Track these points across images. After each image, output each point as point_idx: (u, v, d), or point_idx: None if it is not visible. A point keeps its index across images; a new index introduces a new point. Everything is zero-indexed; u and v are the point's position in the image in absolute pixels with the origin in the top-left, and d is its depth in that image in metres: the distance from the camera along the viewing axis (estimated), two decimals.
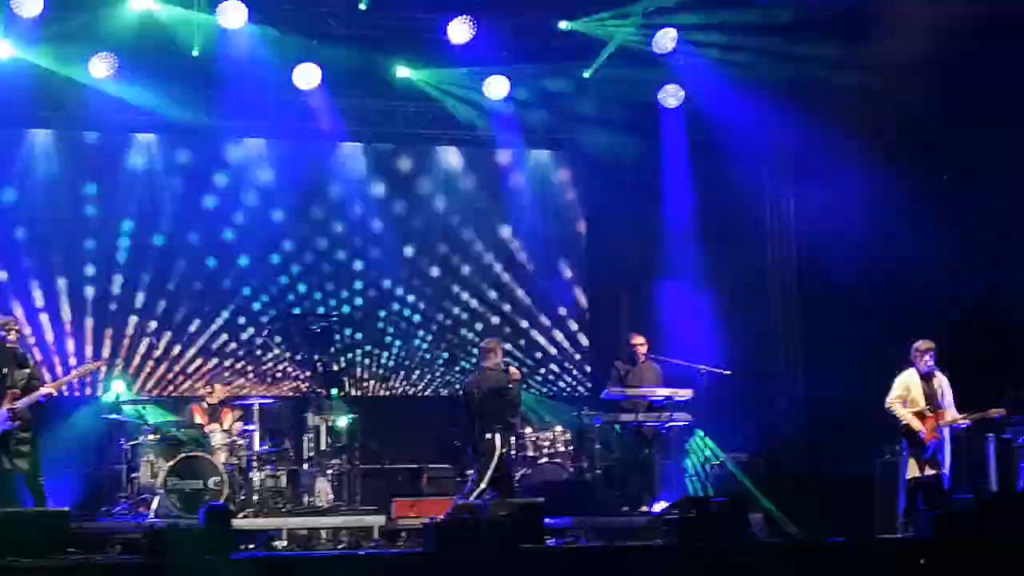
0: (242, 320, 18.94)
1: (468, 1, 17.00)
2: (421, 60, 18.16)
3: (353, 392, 18.63)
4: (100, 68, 17.07)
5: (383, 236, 19.55)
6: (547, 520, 13.39)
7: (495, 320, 19.87)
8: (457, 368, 19.54)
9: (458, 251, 19.87)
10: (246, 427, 16.27)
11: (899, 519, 14.72)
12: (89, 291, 18.36)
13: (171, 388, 18.45)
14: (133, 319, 18.46)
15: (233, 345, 18.88)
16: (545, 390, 19.77)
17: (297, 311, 18.93)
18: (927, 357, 14.66)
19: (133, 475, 15.92)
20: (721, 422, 16.62)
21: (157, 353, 18.49)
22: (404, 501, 15.90)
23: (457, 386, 19.05)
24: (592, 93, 18.78)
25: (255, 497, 15.79)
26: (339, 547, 15.26)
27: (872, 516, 15.30)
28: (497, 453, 14.55)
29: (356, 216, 19.51)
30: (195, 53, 17.14)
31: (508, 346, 19.45)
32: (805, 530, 14.72)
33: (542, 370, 19.90)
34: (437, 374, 19.63)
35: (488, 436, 14.64)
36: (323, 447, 16.89)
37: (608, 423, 16.49)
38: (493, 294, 19.92)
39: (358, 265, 19.48)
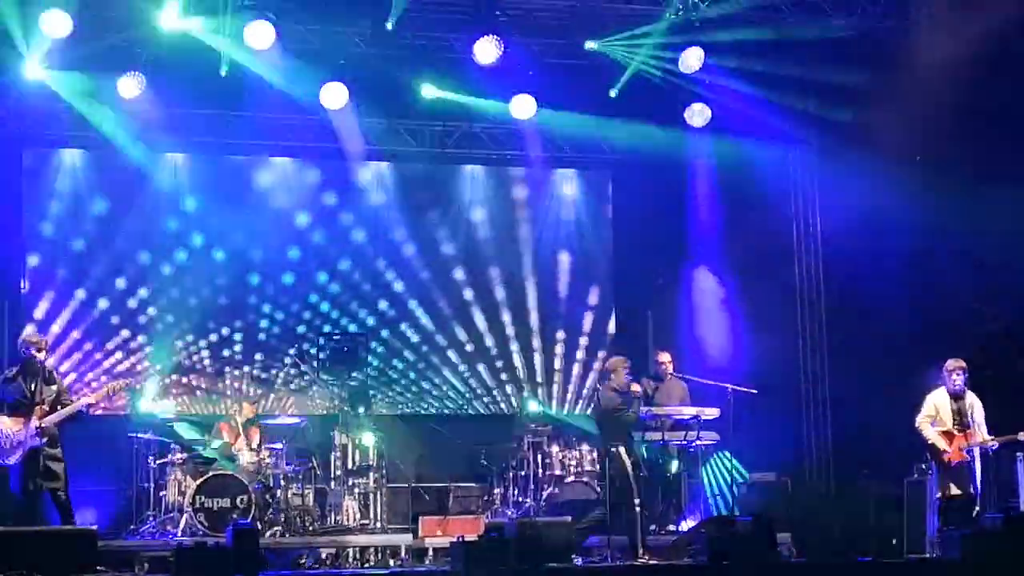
0: (270, 339, 18.97)
1: (495, 21, 16.98)
2: (448, 79, 18.17)
3: (380, 411, 18.65)
4: (129, 87, 17.15)
5: (407, 255, 19.56)
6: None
7: (520, 337, 19.83)
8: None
9: (484, 268, 19.85)
10: (273, 446, 16.27)
11: (928, 538, 14.68)
12: (103, 304, 18.49)
13: (199, 406, 18.47)
14: (161, 335, 18.57)
15: (260, 364, 18.90)
16: (571, 408, 19.75)
17: (325, 329, 18.93)
18: (956, 376, 14.62)
19: (161, 493, 15.96)
20: (748, 441, 16.57)
21: (185, 369, 18.53)
22: (431, 520, 15.88)
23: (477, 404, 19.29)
24: (619, 112, 18.78)
25: (282, 516, 15.81)
26: (366, 566, 15.29)
27: (901, 535, 15.24)
28: (626, 468, 14.63)
29: (381, 235, 19.53)
30: (223, 72, 17.19)
31: (532, 360, 19.58)
32: (833, 549, 14.71)
33: (569, 388, 19.86)
34: (466, 393, 19.62)
35: (613, 450, 14.78)
36: (350, 466, 16.90)
37: (635, 441, 16.45)
38: (518, 310, 19.88)
39: (383, 284, 19.47)
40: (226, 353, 18.82)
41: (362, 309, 19.34)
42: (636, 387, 15.14)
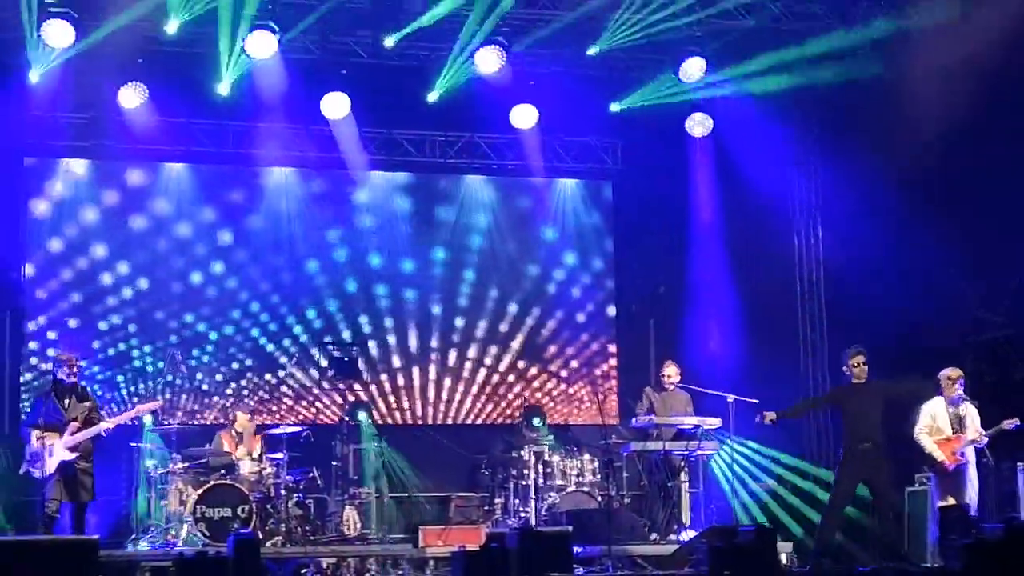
0: (269, 350, 18.97)
1: (497, 30, 16.97)
2: (449, 89, 18.14)
3: (380, 420, 18.65)
4: (131, 97, 17.20)
5: (407, 265, 19.57)
6: (575, 548, 13.38)
7: (521, 346, 19.84)
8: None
9: (484, 278, 19.85)
10: (274, 455, 16.26)
11: (929, 548, 14.67)
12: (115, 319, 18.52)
13: (199, 417, 18.46)
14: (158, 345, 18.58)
15: (259, 374, 18.90)
16: (572, 417, 19.76)
17: (325, 340, 18.92)
18: (956, 385, 14.61)
19: (162, 503, 15.94)
20: (749, 451, 16.59)
21: (184, 381, 18.51)
22: (432, 529, 15.86)
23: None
24: (620, 122, 18.81)
25: (283, 525, 15.79)
26: None
27: (902, 545, 15.21)
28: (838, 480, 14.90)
29: (382, 245, 19.53)
30: (225, 82, 17.21)
31: (534, 371, 19.57)
32: (836, 560, 14.68)
33: (570, 398, 19.86)
34: (466, 402, 19.62)
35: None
36: (351, 475, 16.90)
37: (636, 451, 16.45)
38: (520, 320, 19.89)
39: (384, 295, 19.46)
40: (226, 363, 18.80)
41: (363, 319, 19.32)
42: None
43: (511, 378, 19.78)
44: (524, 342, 19.90)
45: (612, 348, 20.12)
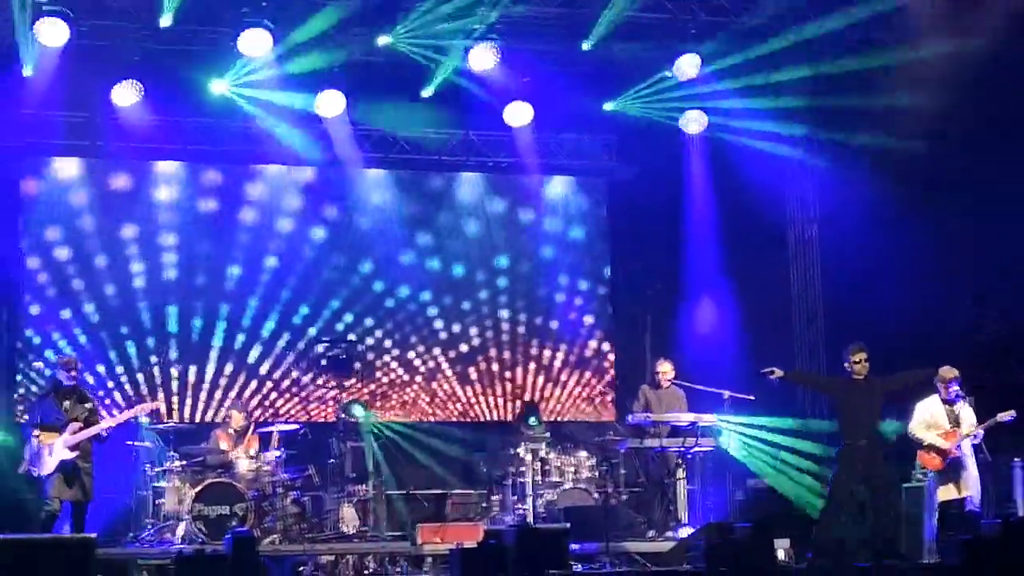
0: (266, 348, 18.96)
1: (492, 27, 16.94)
2: (443, 86, 18.11)
3: (378, 418, 18.63)
4: (126, 95, 17.17)
5: (403, 263, 19.56)
6: (573, 545, 13.40)
7: (517, 343, 19.84)
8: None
9: (480, 276, 19.87)
10: (271, 453, 16.25)
11: (926, 545, 14.68)
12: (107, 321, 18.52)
13: (195, 415, 18.46)
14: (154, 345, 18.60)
15: (257, 371, 18.90)
16: (569, 414, 19.78)
17: (322, 337, 18.92)
18: (952, 384, 14.61)
19: (159, 501, 15.95)
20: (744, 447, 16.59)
21: (178, 378, 18.56)
22: (430, 527, 15.86)
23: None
24: (615, 119, 18.80)
25: (280, 523, 15.79)
26: (365, 573, 15.28)
27: (899, 541, 15.23)
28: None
29: (377, 243, 19.52)
30: (219, 80, 17.22)
31: (530, 368, 19.58)
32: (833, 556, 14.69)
33: (567, 395, 19.87)
34: (464, 400, 19.62)
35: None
36: (348, 473, 16.90)
37: (633, 448, 16.45)
38: (515, 317, 19.90)
39: (380, 292, 19.47)
40: (222, 361, 18.81)
41: (358, 316, 19.32)
42: None
43: (507, 375, 19.79)
44: (519, 339, 19.91)
45: (608, 345, 20.13)
